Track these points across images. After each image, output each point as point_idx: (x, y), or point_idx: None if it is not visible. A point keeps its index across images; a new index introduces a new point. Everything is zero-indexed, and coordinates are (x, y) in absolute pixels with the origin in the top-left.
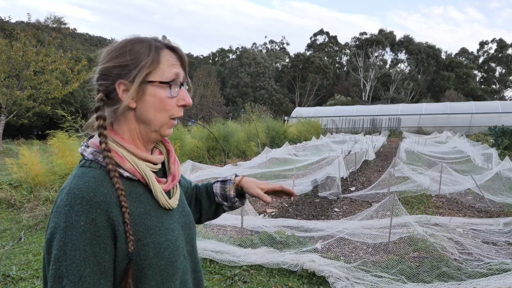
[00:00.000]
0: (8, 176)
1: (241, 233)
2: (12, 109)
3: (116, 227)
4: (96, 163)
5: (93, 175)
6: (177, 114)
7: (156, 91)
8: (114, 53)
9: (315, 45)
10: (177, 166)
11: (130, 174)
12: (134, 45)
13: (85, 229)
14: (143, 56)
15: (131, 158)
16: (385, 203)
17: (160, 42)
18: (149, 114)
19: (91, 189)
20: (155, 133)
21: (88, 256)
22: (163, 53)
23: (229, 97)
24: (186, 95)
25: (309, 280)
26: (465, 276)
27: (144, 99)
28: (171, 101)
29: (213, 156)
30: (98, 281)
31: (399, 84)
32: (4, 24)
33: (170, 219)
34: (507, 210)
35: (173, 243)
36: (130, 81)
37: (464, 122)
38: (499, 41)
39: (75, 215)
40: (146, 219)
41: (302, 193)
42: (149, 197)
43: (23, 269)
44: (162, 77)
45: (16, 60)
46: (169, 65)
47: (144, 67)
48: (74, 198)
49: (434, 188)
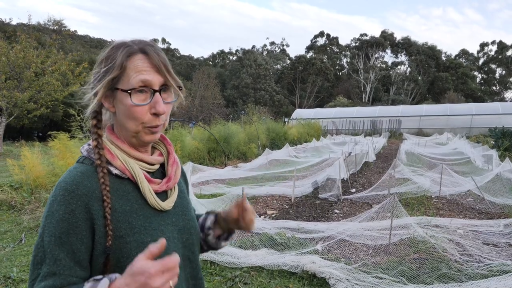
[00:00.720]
0: (9, 178)
1: (242, 234)
2: (12, 111)
3: (95, 220)
4: (89, 159)
5: (82, 170)
6: (151, 123)
7: (122, 98)
8: (100, 59)
9: (315, 47)
10: (174, 168)
11: (120, 171)
12: (112, 50)
13: (63, 218)
14: (113, 63)
15: (122, 156)
16: (385, 204)
17: (136, 46)
18: (122, 120)
19: (75, 182)
20: (134, 139)
21: (63, 243)
22: (133, 58)
23: (230, 99)
24: (158, 103)
25: (309, 282)
26: (465, 278)
27: (117, 105)
28: (140, 109)
29: (214, 157)
30: (73, 266)
31: (399, 86)
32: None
33: (162, 221)
34: (508, 212)
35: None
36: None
37: (465, 123)
38: (499, 43)
39: (56, 204)
40: (131, 217)
41: (303, 194)
42: (138, 196)
43: (24, 271)
44: (128, 84)
45: (16, 62)
46: (136, 71)
47: (109, 72)
48: (59, 190)
49: (435, 189)
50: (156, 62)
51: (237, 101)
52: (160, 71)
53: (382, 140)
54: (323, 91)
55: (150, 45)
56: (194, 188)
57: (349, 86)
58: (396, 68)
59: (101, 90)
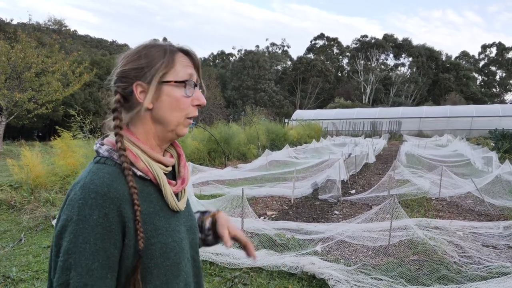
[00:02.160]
0: (8, 178)
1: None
2: (12, 110)
3: (126, 223)
4: (111, 160)
5: (108, 171)
6: (192, 114)
7: (172, 90)
8: (131, 57)
9: (315, 48)
10: (186, 170)
11: (143, 173)
12: (149, 49)
13: (98, 223)
14: (158, 59)
15: (145, 158)
16: (385, 206)
17: (174, 46)
18: (165, 113)
19: (106, 184)
20: (171, 133)
21: (98, 250)
22: (177, 55)
23: (230, 99)
24: (201, 95)
25: (309, 283)
26: (465, 279)
27: (161, 99)
28: (187, 100)
29: (214, 158)
30: (105, 275)
31: (399, 87)
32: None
33: (177, 221)
34: (507, 214)
35: (178, 245)
36: (146, 83)
37: (465, 125)
38: (499, 45)
39: (88, 208)
40: (155, 218)
41: (302, 195)
42: (159, 197)
43: (23, 271)
44: (177, 77)
45: (16, 61)
46: (183, 66)
47: (160, 68)
48: (88, 192)
49: (434, 191)
50: (196, 61)
51: (237, 102)
52: (197, 68)
53: (382, 142)
54: (323, 92)
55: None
56: (194, 189)
57: (349, 88)
58: (396, 70)
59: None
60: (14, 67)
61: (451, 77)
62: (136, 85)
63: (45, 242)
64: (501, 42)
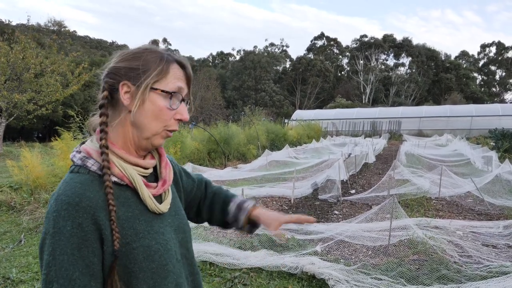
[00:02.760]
0: (8, 179)
1: (241, 235)
2: (12, 112)
3: (103, 230)
4: (85, 168)
5: (80, 181)
6: (172, 127)
7: (157, 99)
8: (127, 55)
9: (315, 48)
10: (168, 170)
11: (118, 179)
12: (147, 53)
13: (72, 234)
14: (153, 65)
15: (119, 163)
16: (385, 205)
17: (171, 56)
18: (145, 120)
19: (77, 194)
20: (146, 141)
21: (76, 259)
22: (172, 66)
23: (230, 100)
24: (184, 111)
25: (309, 283)
26: (464, 279)
27: (144, 105)
28: (169, 112)
29: (214, 158)
30: (88, 283)
31: (399, 87)
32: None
33: (161, 223)
34: (507, 213)
35: (163, 246)
36: (134, 85)
37: (464, 125)
38: (498, 44)
39: (62, 220)
40: (135, 223)
41: (302, 195)
42: (138, 201)
43: (23, 272)
44: (166, 87)
45: (16, 63)
46: (175, 78)
47: (152, 75)
48: (61, 204)
49: (434, 191)
50: (189, 75)
51: (238, 102)
52: (188, 84)
53: (382, 141)
54: (323, 92)
55: (184, 58)
56: None
57: (349, 87)
58: (396, 70)
59: (142, 89)
60: (13, 68)
61: (451, 77)
62: (123, 84)
63: None
64: (500, 41)
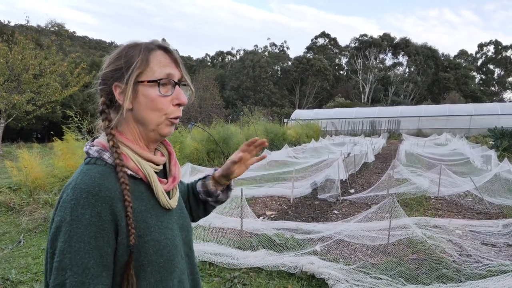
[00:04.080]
0: (7, 180)
1: (241, 235)
2: (11, 112)
3: (119, 221)
4: (102, 160)
5: (99, 171)
6: (174, 114)
7: (146, 90)
8: (112, 58)
9: (315, 47)
10: (177, 168)
11: (133, 172)
12: (128, 49)
13: (91, 223)
14: (134, 58)
15: (135, 158)
16: (384, 205)
17: (152, 44)
18: (144, 114)
19: (97, 184)
20: (153, 133)
21: (92, 248)
22: (154, 54)
23: (229, 100)
24: (181, 94)
25: (308, 282)
26: (464, 278)
27: (138, 99)
28: (164, 100)
29: (213, 158)
30: (101, 273)
31: (398, 86)
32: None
33: (169, 219)
34: (506, 212)
35: (171, 242)
36: (124, 83)
37: (464, 124)
38: (496, 43)
39: (81, 208)
40: (147, 216)
41: (302, 195)
42: (150, 196)
43: (22, 273)
44: (152, 76)
45: (15, 63)
46: (160, 65)
47: (134, 68)
48: (80, 192)
49: (433, 190)
50: (175, 57)
51: (237, 102)
52: (178, 66)
53: (381, 141)
54: (322, 92)
55: (166, 43)
56: None
57: (348, 87)
58: (395, 69)
59: (128, 85)
60: (12, 69)
61: (450, 76)
62: (115, 86)
63: (44, 244)
64: (497, 40)
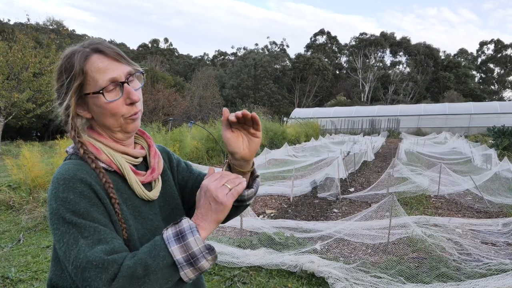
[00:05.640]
0: (7, 178)
1: (240, 234)
2: (11, 110)
3: (103, 203)
4: (76, 155)
5: (73, 163)
6: (130, 112)
7: (95, 101)
8: (56, 74)
9: (314, 46)
10: (157, 159)
11: (106, 165)
12: (66, 61)
13: (77, 201)
14: (71, 71)
15: (107, 151)
16: (384, 203)
17: (87, 49)
18: (102, 120)
19: (71, 171)
20: (119, 133)
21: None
22: (90, 61)
23: (228, 98)
24: (131, 93)
25: (308, 281)
26: (464, 277)
27: (92, 109)
28: (115, 104)
29: (212, 157)
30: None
31: (398, 85)
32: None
33: (150, 210)
34: (506, 211)
35: (150, 232)
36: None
37: (463, 122)
38: (497, 42)
39: (61, 193)
40: (124, 206)
41: (301, 194)
42: (126, 187)
43: (22, 271)
44: (96, 86)
45: (14, 62)
46: (100, 72)
47: (72, 81)
48: (57, 181)
49: (433, 188)
50: (113, 55)
51: (237, 101)
52: (120, 61)
53: (380, 140)
54: (322, 90)
55: (99, 42)
56: None
57: (348, 86)
58: (394, 68)
59: (72, 100)
60: (11, 67)
61: (450, 76)
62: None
63: (44, 242)
64: (499, 39)
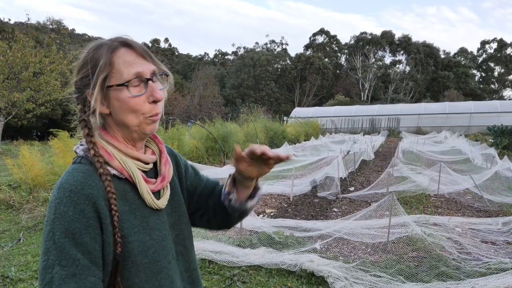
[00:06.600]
0: (7, 177)
1: (240, 233)
2: (11, 110)
3: (103, 220)
4: (86, 159)
5: (82, 170)
6: (151, 112)
7: (118, 94)
8: (79, 65)
9: (314, 45)
10: (168, 167)
11: (118, 172)
12: (93, 52)
13: (74, 219)
14: (99, 62)
15: (120, 156)
16: (383, 203)
17: (116, 41)
18: (121, 117)
19: (79, 182)
20: (136, 133)
21: (77, 244)
22: (117, 53)
23: (229, 98)
24: (155, 91)
25: (308, 280)
26: (463, 276)
27: (112, 103)
28: (137, 100)
29: (212, 156)
30: (91, 267)
31: (398, 84)
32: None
33: (158, 219)
34: (506, 210)
35: (158, 243)
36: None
37: (463, 121)
38: (499, 41)
39: (63, 206)
40: (131, 217)
41: (301, 193)
42: (136, 195)
43: (22, 270)
44: (120, 79)
45: (14, 61)
46: (126, 65)
47: (99, 73)
48: (63, 191)
49: (433, 188)
50: (141, 52)
51: (237, 100)
52: (148, 59)
53: (380, 139)
54: (322, 89)
55: (127, 37)
56: None
57: (348, 85)
58: (394, 67)
59: (98, 92)
60: (11, 67)
61: (450, 75)
62: (88, 93)
63: None
64: (502, 38)
